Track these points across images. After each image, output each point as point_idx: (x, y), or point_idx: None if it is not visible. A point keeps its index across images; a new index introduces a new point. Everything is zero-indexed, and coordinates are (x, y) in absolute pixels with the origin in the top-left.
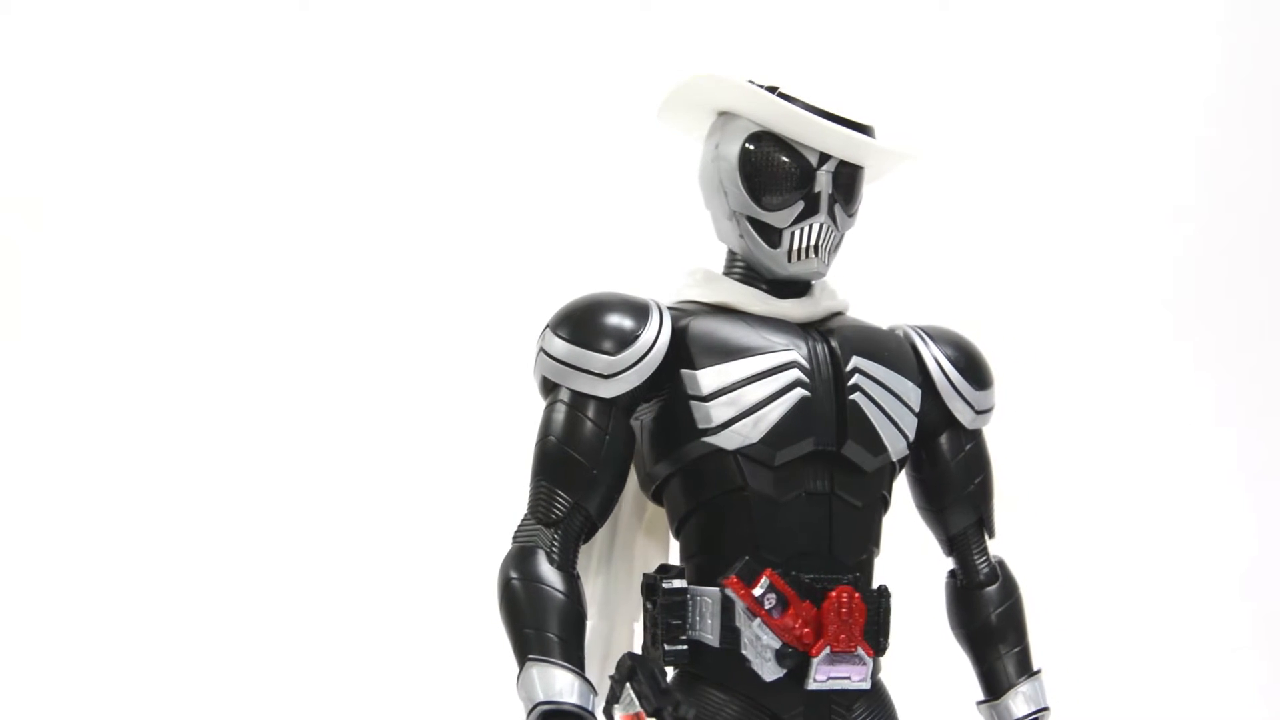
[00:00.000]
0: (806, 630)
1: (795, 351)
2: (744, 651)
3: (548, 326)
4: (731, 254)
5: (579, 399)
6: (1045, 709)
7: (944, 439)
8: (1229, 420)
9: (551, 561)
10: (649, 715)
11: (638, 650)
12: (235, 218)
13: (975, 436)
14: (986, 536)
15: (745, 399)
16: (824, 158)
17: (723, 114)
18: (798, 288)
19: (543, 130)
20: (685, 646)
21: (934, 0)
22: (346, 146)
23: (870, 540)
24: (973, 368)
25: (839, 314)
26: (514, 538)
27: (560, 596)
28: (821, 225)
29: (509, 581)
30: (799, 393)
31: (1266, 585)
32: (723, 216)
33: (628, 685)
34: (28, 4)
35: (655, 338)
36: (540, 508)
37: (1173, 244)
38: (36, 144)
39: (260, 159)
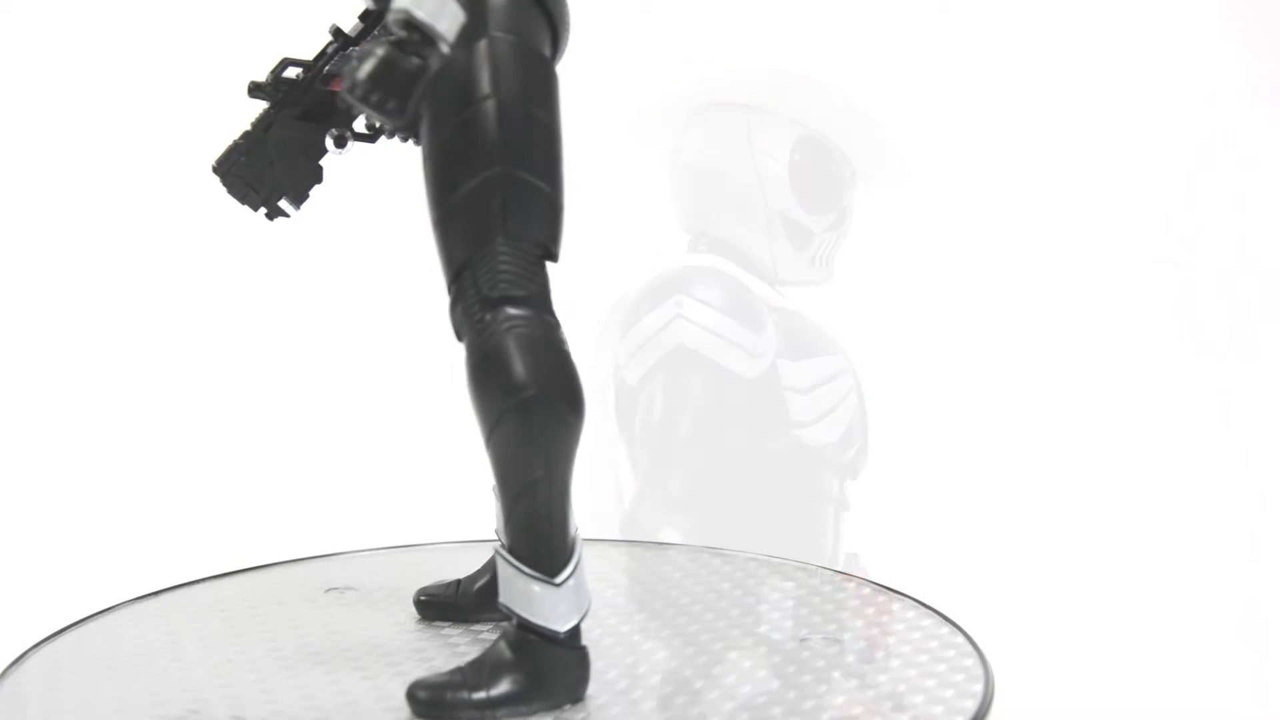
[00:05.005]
0: None
1: (843, 355)
2: None
3: (687, 296)
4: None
5: (723, 375)
6: None
7: None
8: (1229, 420)
9: None
10: None
11: None
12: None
13: None
14: None
15: (832, 395)
16: (852, 173)
17: (722, 108)
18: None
19: None
20: None
21: (934, 1)
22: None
23: None
24: None
25: None
26: None
27: None
28: (840, 238)
29: None
30: (854, 397)
31: (1264, 585)
32: (749, 211)
33: None
34: None
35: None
36: None
37: (1172, 245)
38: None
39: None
